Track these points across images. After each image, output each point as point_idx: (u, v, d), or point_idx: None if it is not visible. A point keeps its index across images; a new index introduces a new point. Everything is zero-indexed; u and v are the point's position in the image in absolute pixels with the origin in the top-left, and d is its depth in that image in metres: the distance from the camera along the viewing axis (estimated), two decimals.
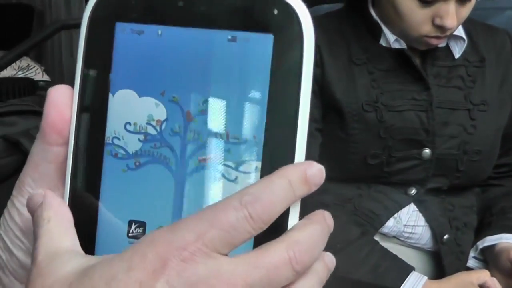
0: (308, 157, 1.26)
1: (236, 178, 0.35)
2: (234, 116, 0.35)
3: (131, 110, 0.36)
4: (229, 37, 0.35)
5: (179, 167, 0.36)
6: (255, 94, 0.34)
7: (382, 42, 1.39)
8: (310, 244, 0.35)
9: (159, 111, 0.36)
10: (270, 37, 0.34)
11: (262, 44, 0.34)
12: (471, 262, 1.44)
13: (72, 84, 0.38)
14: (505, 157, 1.48)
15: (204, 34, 0.35)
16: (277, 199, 0.33)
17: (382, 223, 1.40)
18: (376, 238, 1.39)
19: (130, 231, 0.36)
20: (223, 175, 0.35)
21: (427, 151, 1.37)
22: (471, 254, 1.44)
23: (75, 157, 0.38)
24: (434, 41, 1.32)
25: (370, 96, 1.36)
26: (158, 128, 0.36)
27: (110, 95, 0.37)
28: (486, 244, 1.41)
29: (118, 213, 0.37)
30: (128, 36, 0.36)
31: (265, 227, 0.33)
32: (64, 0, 4.53)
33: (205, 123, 0.35)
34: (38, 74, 4.25)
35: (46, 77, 4.32)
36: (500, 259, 1.34)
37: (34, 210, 0.37)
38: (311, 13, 0.37)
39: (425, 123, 1.36)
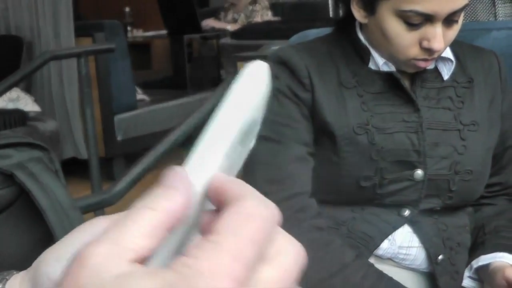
0: (301, 181, 1.26)
1: None
2: None
3: None
4: None
5: None
6: None
7: (371, 65, 1.40)
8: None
9: None
10: None
11: None
12: (466, 282, 1.44)
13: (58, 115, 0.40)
14: (496, 176, 1.49)
15: None
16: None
17: (377, 245, 1.40)
18: (371, 260, 1.40)
19: None
20: None
21: (419, 172, 1.38)
22: (466, 273, 1.45)
23: None
24: (422, 64, 1.34)
25: (361, 119, 1.37)
26: None
27: None
28: (480, 263, 1.41)
29: None
30: None
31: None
32: (53, 31, 4.54)
33: None
34: (28, 104, 4.25)
35: (36, 107, 4.32)
36: (495, 278, 1.35)
37: None
38: (301, 38, 0.39)
39: (416, 145, 1.38)
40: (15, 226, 1.44)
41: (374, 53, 1.40)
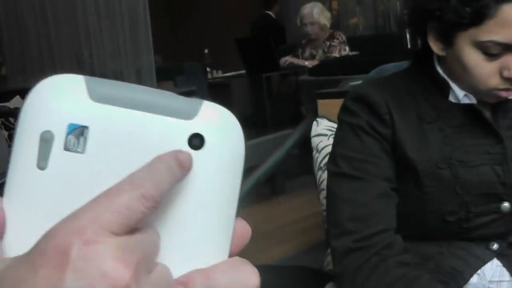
0: (386, 217, 1.25)
1: None
2: None
3: None
4: None
5: None
6: None
7: (451, 98, 1.39)
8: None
9: None
10: None
11: None
12: None
13: None
14: None
15: None
16: (162, 179, 0.36)
17: (466, 280, 1.37)
18: None
19: None
20: None
21: (506, 204, 1.35)
22: None
23: None
24: (504, 94, 1.32)
25: (443, 153, 1.36)
26: None
27: None
28: None
29: None
30: None
31: (157, 206, 0.36)
32: (135, 77, 4.67)
33: None
34: None
35: None
36: None
37: None
38: (379, 72, 0.38)
39: (502, 176, 1.35)
40: None
41: (454, 86, 1.38)
